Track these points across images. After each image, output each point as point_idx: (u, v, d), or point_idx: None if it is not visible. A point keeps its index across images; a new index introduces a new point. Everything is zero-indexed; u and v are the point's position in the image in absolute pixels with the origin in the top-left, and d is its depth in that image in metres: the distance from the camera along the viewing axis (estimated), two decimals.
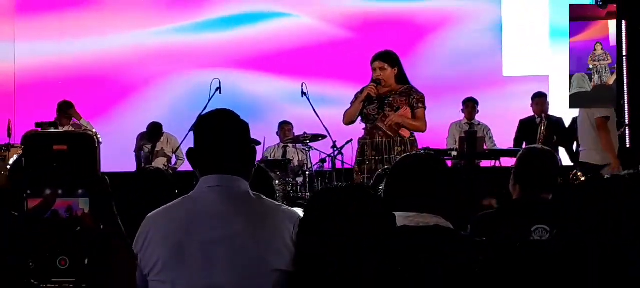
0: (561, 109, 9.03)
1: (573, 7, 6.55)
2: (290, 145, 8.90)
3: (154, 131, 9.06)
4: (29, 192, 0.99)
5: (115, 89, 10.03)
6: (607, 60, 6.07)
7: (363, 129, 5.94)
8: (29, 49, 10.06)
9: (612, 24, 6.10)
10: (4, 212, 2.39)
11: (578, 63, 6.16)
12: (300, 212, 2.87)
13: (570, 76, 6.13)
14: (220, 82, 8.11)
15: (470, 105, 8.80)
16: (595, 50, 6.05)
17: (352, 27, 10.04)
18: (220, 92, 8.11)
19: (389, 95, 5.81)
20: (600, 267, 2.19)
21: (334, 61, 9.98)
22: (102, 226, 0.98)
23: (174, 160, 9.13)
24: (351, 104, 5.91)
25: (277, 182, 7.96)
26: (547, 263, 2.28)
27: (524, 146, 8.43)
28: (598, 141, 6.34)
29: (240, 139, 2.36)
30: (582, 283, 2.20)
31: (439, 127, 9.10)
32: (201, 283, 2.18)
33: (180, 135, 8.34)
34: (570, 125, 8.13)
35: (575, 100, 6.12)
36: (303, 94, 7.95)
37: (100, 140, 0.85)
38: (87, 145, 1.00)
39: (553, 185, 3.23)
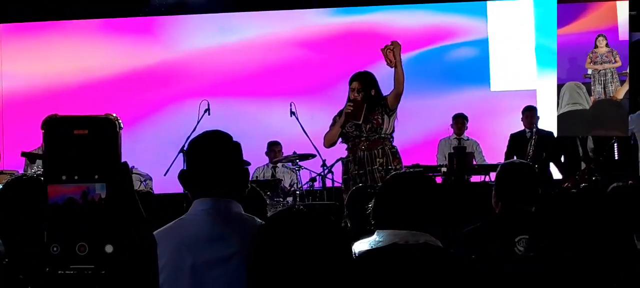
0: (550, 122, 9.09)
1: None
2: (279, 165, 8.88)
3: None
4: (48, 178, 0.98)
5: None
6: (615, 62, 3.94)
7: (346, 149, 6.06)
8: (14, 75, 10.03)
9: (623, 6, 3.79)
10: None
11: (570, 67, 3.86)
12: None
13: (559, 87, 3.97)
14: (208, 104, 8.11)
15: (460, 121, 8.82)
16: (596, 47, 3.89)
17: (337, 44, 10.07)
18: (209, 114, 8.12)
19: (366, 115, 5.92)
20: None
21: (320, 80, 10.00)
22: (121, 211, 0.97)
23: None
24: (330, 127, 6.06)
25: (268, 201, 7.93)
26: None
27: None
28: None
29: (233, 160, 2.35)
30: None
31: (428, 143, 9.14)
32: None
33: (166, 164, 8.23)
34: (557, 136, 8.14)
35: (565, 124, 3.91)
36: (292, 113, 7.98)
37: (122, 125, 0.85)
38: (109, 129, 0.99)
39: (533, 197, 3.26)
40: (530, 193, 3.27)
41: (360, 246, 2.40)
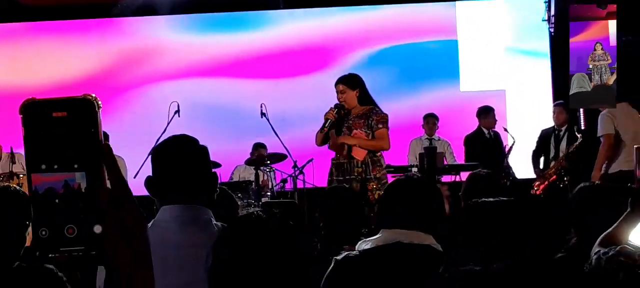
0: (518, 122, 9.17)
1: (573, 7, 6.56)
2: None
3: None
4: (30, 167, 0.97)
5: None
6: (607, 60, 5.99)
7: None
8: None
9: (612, 24, 6.03)
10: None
11: (578, 63, 6.13)
12: None
13: (570, 76, 6.15)
14: (178, 105, 8.04)
15: (431, 121, 8.86)
16: (595, 50, 5.98)
17: (309, 44, 10.07)
18: (178, 115, 8.05)
19: (348, 119, 5.93)
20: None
21: (293, 80, 10.00)
22: (106, 195, 0.96)
23: None
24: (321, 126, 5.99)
25: (240, 203, 7.92)
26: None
27: (468, 161, 8.55)
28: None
29: (200, 166, 2.31)
30: None
31: (399, 143, 9.16)
32: None
33: (139, 157, 8.19)
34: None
35: (576, 100, 6.19)
36: (262, 114, 7.94)
37: (100, 104, 0.83)
38: (88, 109, 0.98)
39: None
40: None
41: (363, 244, 2.47)
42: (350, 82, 5.97)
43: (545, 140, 8.33)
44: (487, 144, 8.53)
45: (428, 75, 9.85)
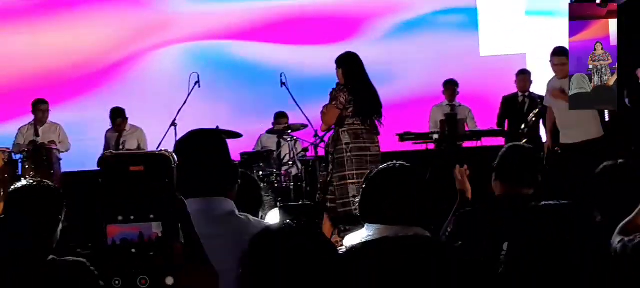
0: (538, 86, 9.09)
1: (572, 6, 6.39)
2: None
3: (115, 115, 8.81)
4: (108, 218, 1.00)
5: (84, 80, 9.92)
6: (608, 60, 5.75)
7: None
8: None
9: (613, 23, 5.78)
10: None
11: (578, 63, 5.70)
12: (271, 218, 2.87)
13: (570, 77, 5.72)
14: (198, 76, 8.07)
15: (451, 87, 8.81)
16: (595, 50, 5.74)
17: (330, 11, 10.00)
18: (199, 86, 8.08)
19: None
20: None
21: (313, 48, 9.96)
22: (180, 248, 0.99)
23: None
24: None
25: (261, 173, 7.99)
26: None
27: (506, 124, 8.48)
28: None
29: (221, 159, 2.35)
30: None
31: (419, 110, 9.15)
32: None
33: (158, 127, 8.22)
34: None
35: (576, 101, 5.83)
36: (282, 84, 7.95)
37: (176, 160, 0.86)
38: (164, 165, 1.00)
39: (534, 181, 3.26)
40: (531, 176, 3.28)
41: (351, 240, 2.43)
42: (337, 61, 6.31)
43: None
44: (518, 107, 8.43)
45: (447, 41, 9.78)
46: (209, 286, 1.02)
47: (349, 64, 6.25)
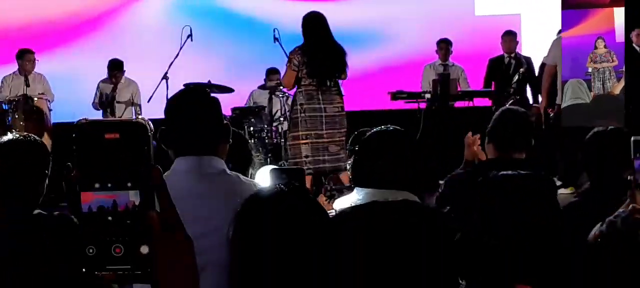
0: (533, 47, 9.07)
1: None
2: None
3: (113, 67, 8.71)
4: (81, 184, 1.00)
5: (72, 29, 9.82)
6: (612, 61, 4.47)
7: None
8: None
9: (619, 12, 4.37)
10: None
11: (573, 66, 4.37)
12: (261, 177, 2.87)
13: (563, 83, 4.34)
14: (191, 29, 8.00)
15: (444, 46, 8.77)
16: (596, 48, 4.51)
17: None
18: (191, 40, 8.02)
19: None
20: None
21: (307, 5, 9.87)
22: (156, 216, 0.99)
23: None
24: None
25: (252, 129, 7.99)
26: None
27: (493, 86, 8.47)
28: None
29: (213, 117, 2.35)
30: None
31: (412, 68, 9.12)
32: None
33: (150, 80, 8.16)
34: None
35: (570, 115, 4.39)
36: (275, 39, 7.89)
37: (152, 128, 0.86)
38: (140, 133, 1.00)
39: (527, 145, 3.27)
40: (524, 140, 3.29)
41: (341, 204, 2.43)
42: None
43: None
44: (504, 69, 8.40)
45: (443, 0, 9.71)
46: (183, 253, 1.01)
47: (307, 24, 6.30)
